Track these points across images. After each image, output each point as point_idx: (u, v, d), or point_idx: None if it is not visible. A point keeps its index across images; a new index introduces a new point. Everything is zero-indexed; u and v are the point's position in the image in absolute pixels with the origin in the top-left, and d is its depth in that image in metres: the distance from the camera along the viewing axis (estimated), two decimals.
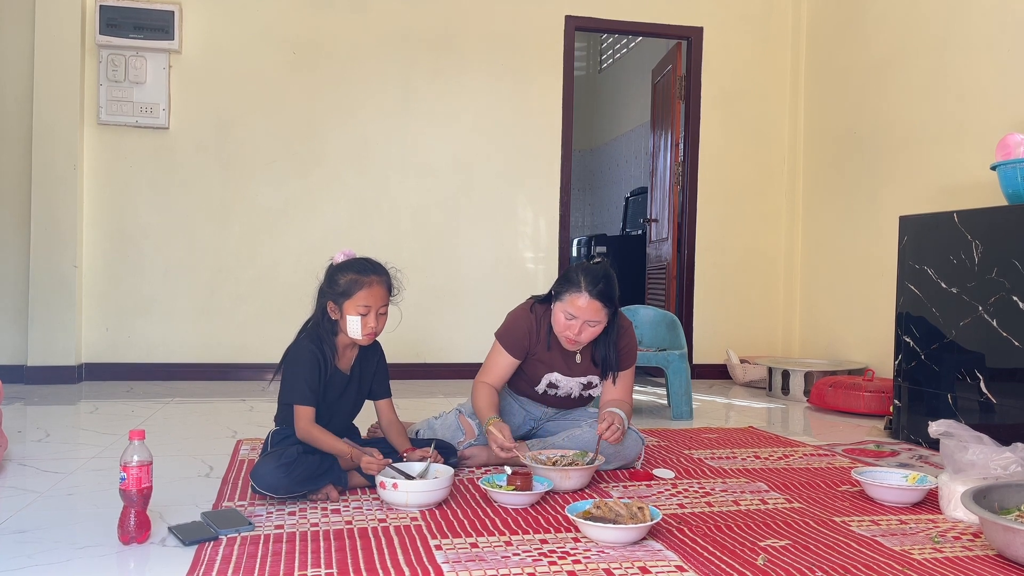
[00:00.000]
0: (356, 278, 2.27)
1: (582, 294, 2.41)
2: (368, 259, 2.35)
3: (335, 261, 2.35)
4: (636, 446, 2.63)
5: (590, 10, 5.07)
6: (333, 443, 2.20)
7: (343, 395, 2.37)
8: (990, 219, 2.93)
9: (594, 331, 2.47)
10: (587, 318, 2.42)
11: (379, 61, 4.84)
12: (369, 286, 2.28)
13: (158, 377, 4.59)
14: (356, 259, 2.34)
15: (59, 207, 4.41)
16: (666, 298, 5.43)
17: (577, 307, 2.42)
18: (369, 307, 2.27)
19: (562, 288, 2.47)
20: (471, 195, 4.97)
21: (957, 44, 3.89)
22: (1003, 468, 2.07)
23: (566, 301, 2.44)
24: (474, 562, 1.75)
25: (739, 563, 1.77)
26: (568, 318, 2.45)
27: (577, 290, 2.42)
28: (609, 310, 2.45)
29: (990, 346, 2.87)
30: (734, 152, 5.26)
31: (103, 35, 4.44)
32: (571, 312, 2.43)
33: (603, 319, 2.45)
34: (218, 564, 1.71)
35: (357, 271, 2.29)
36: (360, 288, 2.27)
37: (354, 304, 2.26)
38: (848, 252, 4.71)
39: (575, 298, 2.42)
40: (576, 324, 2.44)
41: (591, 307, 2.41)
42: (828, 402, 3.98)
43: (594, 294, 2.40)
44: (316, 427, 2.21)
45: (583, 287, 2.41)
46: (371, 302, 2.27)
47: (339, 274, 2.30)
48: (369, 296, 2.27)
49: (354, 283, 2.27)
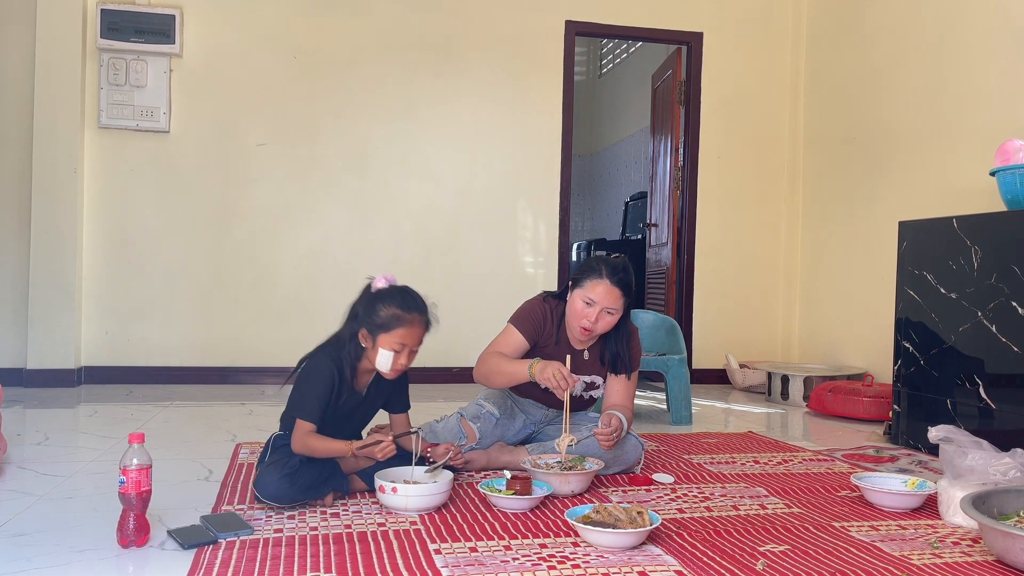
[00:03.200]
0: (399, 314, 2.19)
1: (603, 280, 2.45)
2: (411, 292, 2.25)
3: (375, 286, 2.25)
4: (636, 451, 2.63)
5: (590, 15, 5.08)
6: (330, 446, 2.15)
7: (353, 412, 2.33)
8: (989, 225, 2.94)
9: (610, 321, 2.49)
10: (606, 305, 2.45)
11: (380, 66, 4.84)
12: (410, 325, 2.20)
13: (157, 380, 4.58)
14: (399, 290, 2.24)
15: (59, 210, 4.41)
16: (665, 302, 5.43)
17: (597, 292, 2.45)
18: (405, 345, 2.20)
19: (582, 275, 2.50)
20: (471, 199, 4.98)
21: (956, 50, 3.90)
22: (1002, 474, 2.07)
23: (586, 287, 2.47)
24: (473, 566, 1.75)
25: (738, 568, 1.77)
26: (587, 304, 2.47)
27: (598, 276, 2.46)
28: (626, 300, 2.49)
29: (989, 352, 2.88)
30: (734, 157, 5.27)
31: (104, 39, 4.45)
32: (591, 298, 2.46)
33: (620, 308, 2.49)
34: (217, 568, 1.71)
35: (401, 307, 2.20)
36: (400, 325, 2.18)
37: (390, 340, 2.18)
38: (848, 257, 4.72)
39: (596, 284, 2.45)
40: (594, 311, 2.46)
41: (611, 294, 2.45)
42: (827, 407, 3.98)
43: (614, 281, 2.45)
44: (312, 436, 2.15)
45: (604, 274, 2.46)
46: (408, 341, 2.20)
47: (381, 305, 2.20)
48: (407, 335, 2.20)
49: (396, 319, 2.18)
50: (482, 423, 2.68)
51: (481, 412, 2.71)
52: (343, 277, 4.83)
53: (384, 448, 2.12)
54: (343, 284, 4.82)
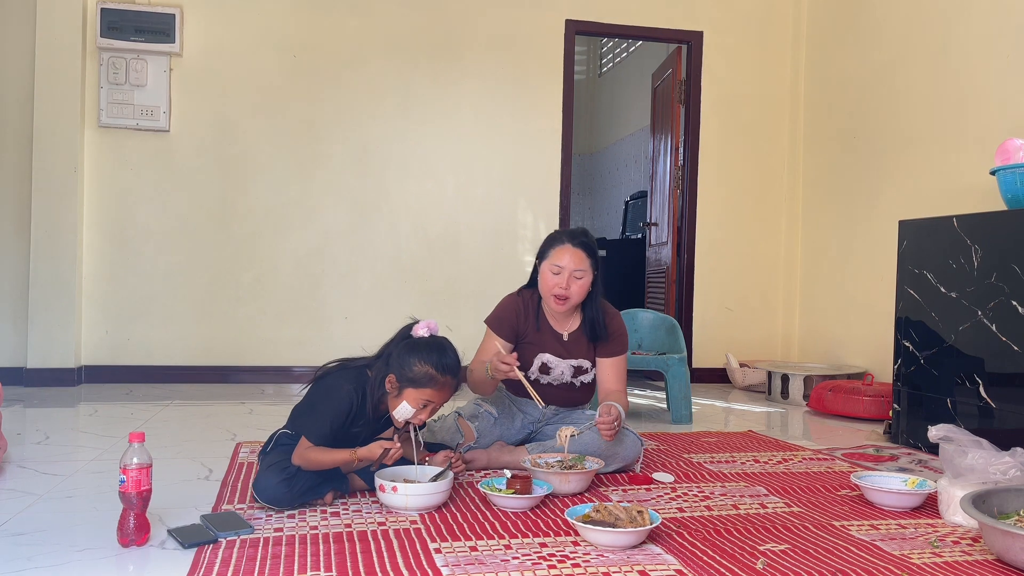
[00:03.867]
0: (433, 375, 2.16)
1: (565, 245, 2.57)
2: (449, 352, 2.22)
3: (416, 332, 2.23)
4: (635, 448, 2.63)
5: (590, 14, 5.07)
6: (333, 457, 2.12)
7: (363, 431, 2.27)
8: (989, 224, 2.94)
9: (581, 283, 2.56)
10: (573, 268, 2.54)
11: (380, 64, 4.84)
12: (442, 388, 2.18)
13: (157, 380, 4.58)
14: (438, 347, 2.21)
15: (59, 209, 4.41)
16: (665, 302, 5.43)
17: (563, 259, 2.55)
18: (430, 403, 2.18)
19: (545, 247, 2.62)
20: (471, 198, 4.98)
21: (957, 48, 3.89)
22: (1002, 473, 2.07)
23: (551, 256, 2.58)
24: (473, 565, 1.75)
25: (738, 567, 1.77)
26: (555, 272, 2.55)
27: (560, 243, 2.58)
28: (592, 261, 2.58)
29: (989, 351, 2.88)
30: (734, 156, 5.27)
31: (104, 38, 4.45)
32: (558, 264, 2.55)
33: (588, 269, 2.57)
34: (217, 567, 1.71)
35: (436, 367, 2.16)
36: (432, 386, 2.16)
37: (417, 396, 2.16)
38: (848, 256, 4.72)
39: (559, 251, 2.56)
40: (564, 277, 2.54)
41: (575, 256, 2.55)
42: (827, 406, 3.98)
43: (576, 244, 2.56)
44: (313, 449, 2.11)
45: (565, 239, 2.58)
46: (435, 400, 2.19)
47: (416, 359, 2.16)
48: (436, 395, 2.18)
49: (429, 379, 2.16)
50: (480, 422, 2.68)
51: (479, 411, 2.71)
52: (343, 276, 4.83)
53: (393, 455, 2.11)
54: (343, 283, 4.84)
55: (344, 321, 4.79)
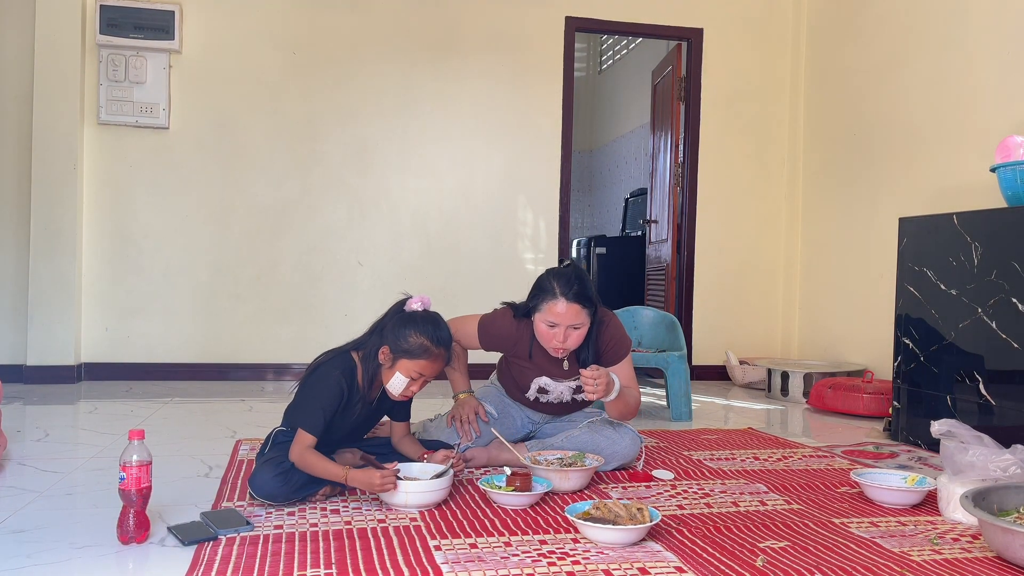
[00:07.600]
0: (428, 346, 2.18)
1: (559, 300, 2.37)
2: (442, 324, 2.25)
3: (409, 306, 2.24)
4: (635, 446, 2.63)
5: (590, 11, 5.07)
6: (327, 468, 2.11)
7: (356, 418, 2.30)
8: (990, 221, 2.94)
9: (579, 334, 2.42)
10: (569, 323, 2.38)
11: (379, 61, 4.84)
12: (435, 360, 2.20)
13: (157, 377, 4.58)
14: (432, 320, 2.23)
15: (59, 207, 4.41)
16: (665, 299, 5.43)
17: (556, 313, 2.37)
18: (423, 375, 2.20)
19: (537, 299, 2.43)
20: (471, 196, 4.97)
21: (957, 46, 3.89)
22: (1002, 470, 2.07)
23: (544, 311, 2.40)
24: (473, 563, 1.75)
25: (738, 564, 1.77)
26: (550, 326, 2.40)
27: (553, 297, 2.38)
28: (589, 310, 2.41)
29: (989, 348, 2.88)
30: (734, 153, 5.26)
31: (103, 35, 4.44)
32: (551, 320, 2.39)
33: (585, 320, 2.41)
34: (217, 564, 1.71)
35: (431, 339, 2.18)
36: (426, 357, 2.18)
37: (411, 367, 2.18)
38: (848, 253, 4.72)
39: (552, 305, 2.38)
40: (560, 331, 2.39)
41: (570, 311, 2.37)
42: (827, 404, 3.98)
43: (571, 297, 2.37)
44: (311, 452, 2.12)
45: (558, 293, 2.37)
46: (428, 372, 2.20)
47: (411, 331, 2.19)
48: (429, 367, 2.20)
49: (424, 350, 2.18)
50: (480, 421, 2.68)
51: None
52: (343, 274, 4.83)
53: (385, 483, 2.06)
54: (343, 281, 4.84)
55: (344, 318, 4.78)
